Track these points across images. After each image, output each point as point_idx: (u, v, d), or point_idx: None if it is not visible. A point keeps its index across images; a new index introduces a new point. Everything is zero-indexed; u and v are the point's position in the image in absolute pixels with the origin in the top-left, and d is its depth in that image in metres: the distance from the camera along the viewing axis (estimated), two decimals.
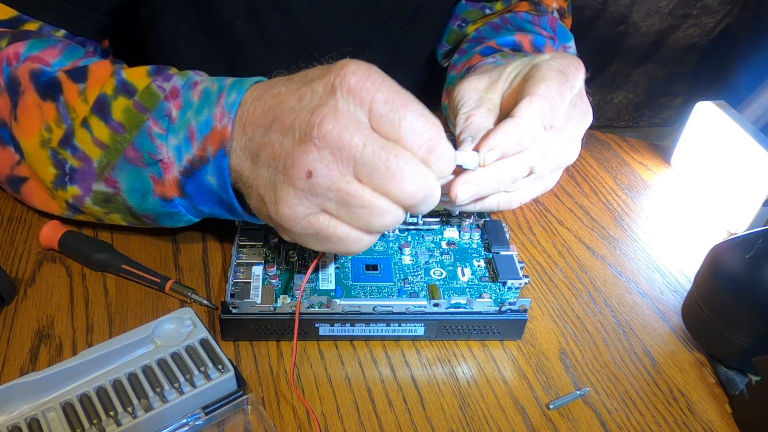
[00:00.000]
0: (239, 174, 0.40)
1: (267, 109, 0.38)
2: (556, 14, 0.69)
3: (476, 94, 0.44)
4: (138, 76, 0.45)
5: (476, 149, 0.40)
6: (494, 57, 0.59)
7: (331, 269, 0.47)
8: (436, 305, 0.44)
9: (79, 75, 0.46)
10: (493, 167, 0.40)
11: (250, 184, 0.39)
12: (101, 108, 0.44)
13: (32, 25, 0.50)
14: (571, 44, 0.66)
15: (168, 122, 0.42)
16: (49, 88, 0.46)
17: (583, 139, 0.45)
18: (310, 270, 0.43)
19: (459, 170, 0.39)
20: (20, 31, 0.49)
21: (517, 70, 0.44)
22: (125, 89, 0.44)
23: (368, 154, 0.34)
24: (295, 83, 0.38)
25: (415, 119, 0.35)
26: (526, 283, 0.47)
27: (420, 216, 0.50)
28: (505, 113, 0.43)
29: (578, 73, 0.43)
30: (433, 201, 0.37)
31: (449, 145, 0.36)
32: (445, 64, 0.74)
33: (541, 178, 0.44)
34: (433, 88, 0.84)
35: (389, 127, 0.35)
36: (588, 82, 0.48)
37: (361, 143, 0.34)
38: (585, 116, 0.45)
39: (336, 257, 0.48)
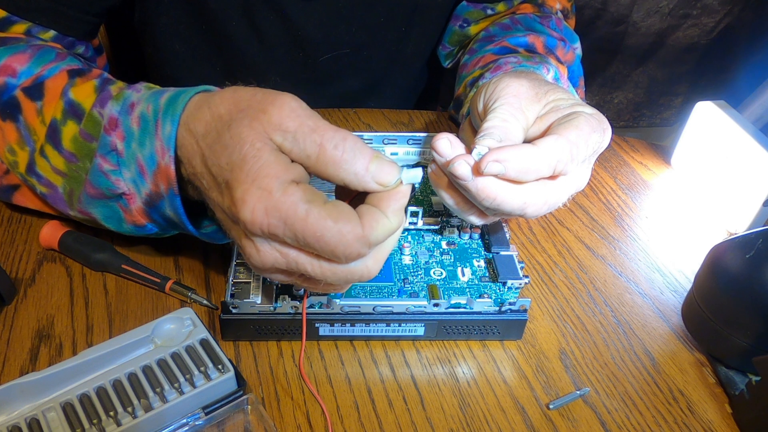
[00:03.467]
0: (191, 175, 0.39)
1: (207, 131, 0.37)
2: (560, 15, 0.68)
3: (517, 101, 0.43)
4: (85, 94, 0.44)
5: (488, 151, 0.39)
6: (515, 57, 0.58)
7: None
8: (436, 305, 0.44)
9: (35, 92, 0.45)
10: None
11: (215, 211, 0.38)
12: (53, 136, 0.44)
13: (21, 27, 0.50)
14: (578, 45, 0.66)
15: (117, 157, 0.42)
16: (8, 107, 0.45)
17: (569, 199, 0.44)
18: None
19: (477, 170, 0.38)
20: (6, 39, 0.48)
21: (557, 103, 0.43)
22: (73, 112, 0.44)
23: (289, 234, 0.34)
24: (219, 118, 0.37)
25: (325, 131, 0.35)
26: (526, 283, 0.47)
27: (420, 215, 0.50)
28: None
29: (602, 141, 0.43)
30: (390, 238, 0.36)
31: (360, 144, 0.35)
32: (449, 65, 0.74)
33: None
34: (431, 90, 0.84)
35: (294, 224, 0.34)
36: (588, 83, 0.47)
37: (280, 230, 0.34)
38: (582, 179, 0.44)
39: None
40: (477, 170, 0.38)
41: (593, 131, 0.41)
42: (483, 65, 0.61)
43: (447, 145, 0.39)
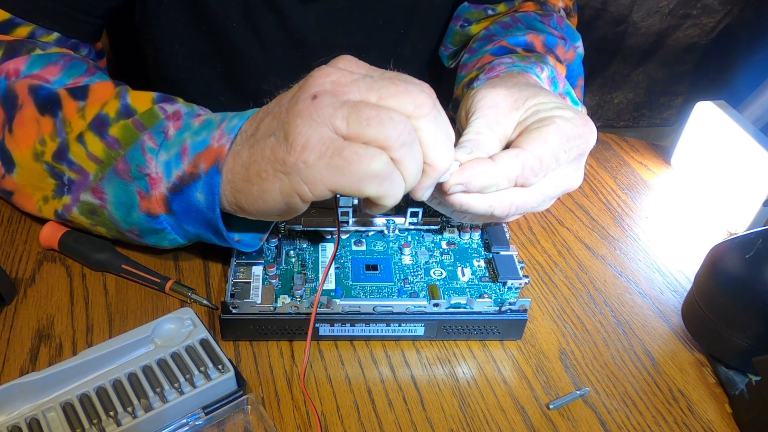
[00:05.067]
0: (231, 171, 0.39)
1: (256, 116, 0.39)
2: (562, 13, 0.68)
3: (494, 112, 0.44)
4: (143, 102, 0.45)
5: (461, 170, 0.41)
6: (510, 57, 0.58)
7: (331, 269, 0.47)
8: (436, 305, 0.44)
9: (79, 93, 0.46)
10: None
11: (249, 164, 0.38)
12: (100, 125, 0.44)
13: (25, 29, 0.50)
14: (579, 43, 0.66)
15: (163, 138, 0.42)
16: (48, 103, 0.46)
17: (559, 196, 0.46)
18: (326, 270, 0.43)
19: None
20: (16, 42, 0.49)
21: (537, 108, 0.44)
22: (127, 113, 0.44)
23: (368, 80, 0.35)
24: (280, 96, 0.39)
25: (411, 78, 0.37)
26: (526, 283, 0.47)
27: (420, 216, 0.50)
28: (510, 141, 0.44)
29: (585, 143, 0.43)
30: (439, 120, 0.37)
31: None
32: (452, 65, 0.74)
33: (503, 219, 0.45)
34: None
35: (382, 73, 0.37)
36: (588, 83, 0.48)
37: (359, 76, 0.36)
38: (572, 181, 0.44)
39: (335, 258, 0.48)
40: (444, 188, 0.41)
41: (567, 140, 0.42)
42: (480, 66, 0.61)
43: None
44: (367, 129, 0.34)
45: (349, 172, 0.34)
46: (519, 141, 0.42)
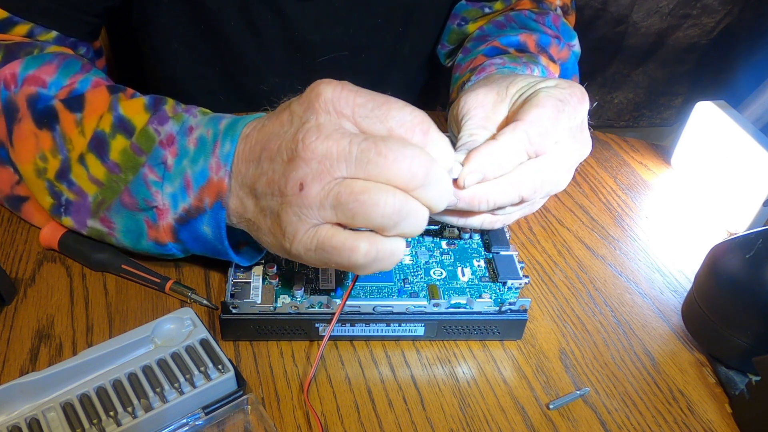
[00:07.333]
0: (242, 215, 0.40)
1: (255, 144, 0.38)
2: (559, 11, 0.68)
3: (482, 111, 0.44)
4: (135, 111, 0.44)
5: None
6: (501, 58, 0.59)
7: (332, 269, 0.47)
8: (436, 305, 0.44)
9: (75, 104, 0.45)
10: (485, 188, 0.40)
11: (257, 221, 0.39)
12: (99, 146, 0.44)
13: (23, 28, 0.50)
14: (575, 42, 0.66)
15: (164, 170, 0.42)
16: (45, 117, 0.46)
17: (577, 168, 0.45)
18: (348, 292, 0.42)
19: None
20: (15, 45, 0.48)
21: (520, 93, 0.44)
22: (123, 127, 0.44)
23: (356, 152, 0.34)
24: (276, 113, 0.38)
25: (400, 110, 0.35)
26: (526, 283, 0.47)
27: None
28: None
29: (580, 104, 0.43)
30: (440, 184, 0.35)
31: (440, 132, 0.37)
32: (449, 64, 0.74)
33: (530, 205, 0.45)
34: (429, 90, 0.84)
35: (378, 124, 0.35)
36: (588, 83, 0.48)
37: (347, 145, 0.34)
38: (583, 147, 0.45)
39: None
40: (458, 186, 0.40)
41: (561, 101, 0.42)
42: (473, 67, 0.61)
43: None
44: (354, 219, 0.35)
45: (336, 262, 0.36)
46: (513, 118, 0.42)
